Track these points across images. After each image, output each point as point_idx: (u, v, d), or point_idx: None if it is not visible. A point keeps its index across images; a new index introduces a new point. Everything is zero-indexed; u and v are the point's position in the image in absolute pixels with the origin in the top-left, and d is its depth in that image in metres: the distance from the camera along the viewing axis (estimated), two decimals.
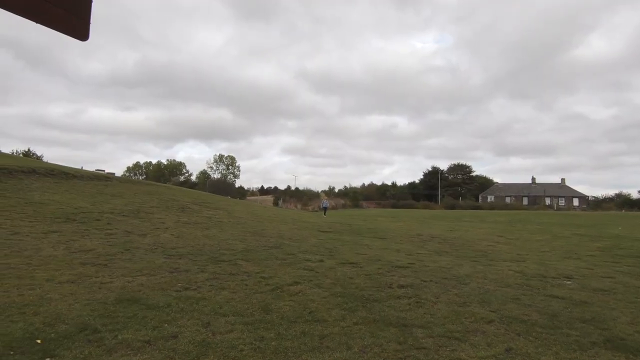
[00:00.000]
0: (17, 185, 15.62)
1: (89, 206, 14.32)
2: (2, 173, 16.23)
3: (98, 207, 14.36)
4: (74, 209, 13.36)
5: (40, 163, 23.78)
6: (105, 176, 23.62)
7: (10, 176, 16.51)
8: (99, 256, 7.79)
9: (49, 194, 15.32)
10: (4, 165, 17.00)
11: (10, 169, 16.86)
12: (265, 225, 16.01)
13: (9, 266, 6.40)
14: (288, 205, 55.13)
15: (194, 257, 8.48)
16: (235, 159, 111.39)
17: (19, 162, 21.12)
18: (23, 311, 4.61)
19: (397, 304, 5.88)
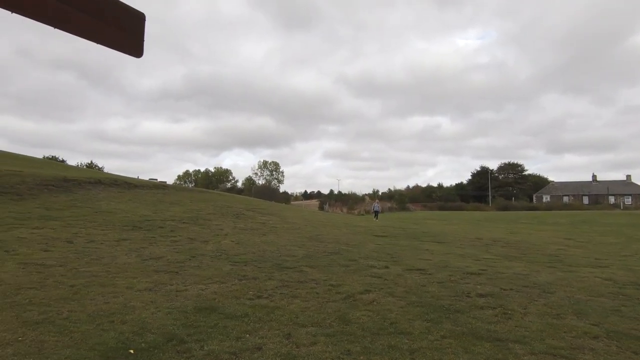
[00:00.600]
0: (86, 195, 16.62)
1: (151, 214, 14.90)
2: (73, 184, 17.34)
3: (160, 215, 14.92)
4: (139, 217, 13.94)
5: (104, 174, 25.28)
6: (163, 185, 24.65)
7: (80, 187, 17.61)
8: (169, 263, 7.96)
9: (115, 203, 16.15)
10: (74, 177, 18.16)
11: (79, 181, 17.98)
12: (320, 230, 15.89)
13: (92, 274, 6.66)
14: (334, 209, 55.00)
15: (259, 264, 8.47)
16: (279, 165, 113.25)
17: (86, 173, 22.56)
18: (111, 319, 4.71)
19: (482, 315, 5.46)
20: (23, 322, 4.43)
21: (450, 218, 39.30)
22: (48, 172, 19.32)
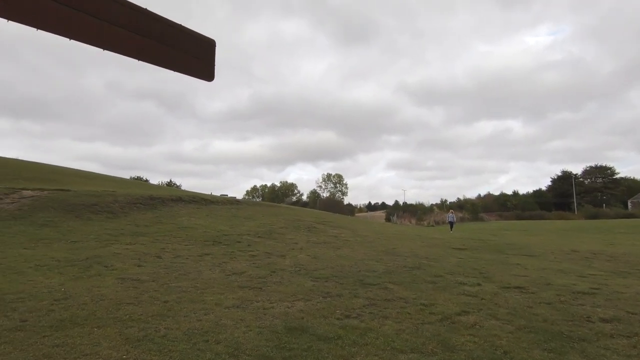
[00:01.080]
0: (169, 212, 17.64)
1: (228, 229, 15.36)
2: (158, 202, 18.55)
3: (236, 230, 15.32)
4: (217, 232, 14.42)
5: (183, 192, 26.87)
6: (235, 200, 25.57)
7: (164, 204, 18.77)
8: (251, 279, 7.95)
9: (195, 219, 16.93)
10: (158, 195, 19.45)
11: (163, 199, 19.20)
12: (394, 243, 15.26)
13: (181, 289, 6.81)
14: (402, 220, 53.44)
15: (340, 280, 8.16)
16: (342, 177, 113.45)
17: (167, 191, 24.12)
18: (206, 339, 4.65)
19: (615, 346, 4.60)
20: (126, 339, 4.52)
21: (531, 228, 36.11)
22: (136, 191, 20.92)
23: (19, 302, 5.54)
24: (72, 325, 4.86)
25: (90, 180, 23.87)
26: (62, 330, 4.71)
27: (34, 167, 22.48)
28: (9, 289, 6.09)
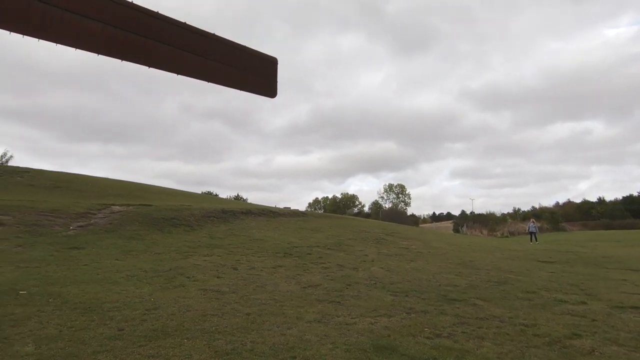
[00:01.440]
0: (240, 225, 18.19)
1: (297, 241, 15.42)
2: (230, 215, 19.24)
3: (305, 242, 15.33)
4: (287, 244, 14.51)
5: (252, 205, 27.74)
6: (302, 212, 25.82)
7: (235, 217, 19.42)
8: (328, 292, 7.75)
9: (264, 231, 17.26)
10: (230, 209, 20.20)
11: (234, 212, 19.89)
12: (471, 255, 14.28)
13: (261, 302, 6.79)
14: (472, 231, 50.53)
15: (420, 294, 7.67)
16: (404, 187, 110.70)
17: (237, 205, 25.01)
18: (293, 355, 4.50)
19: None
20: (215, 352, 4.50)
21: (625, 239, 32.15)
22: (209, 205, 21.95)
23: (115, 311, 5.83)
24: (164, 336, 4.97)
25: (168, 195, 25.51)
26: (155, 340, 4.82)
27: (120, 185, 24.54)
28: (106, 298, 6.47)
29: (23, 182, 18.47)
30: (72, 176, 22.65)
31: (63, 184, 19.90)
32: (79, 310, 5.80)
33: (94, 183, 22.37)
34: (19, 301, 6.00)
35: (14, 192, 16.59)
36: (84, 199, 17.91)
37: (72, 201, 16.43)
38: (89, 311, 5.77)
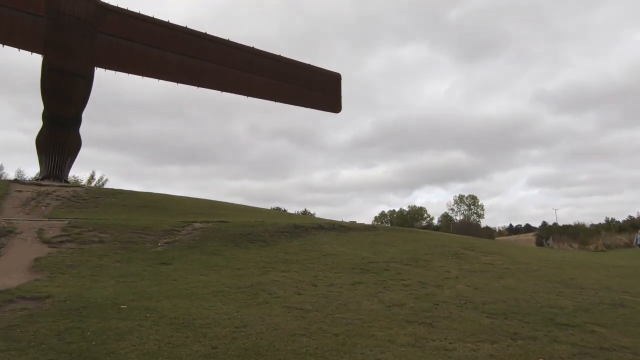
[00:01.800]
0: (312, 240, 18.20)
1: (371, 256, 14.99)
2: (301, 230, 19.38)
3: (380, 257, 14.85)
4: (362, 259, 14.15)
5: (322, 220, 27.83)
6: (373, 227, 25.31)
7: (307, 232, 19.51)
8: (416, 312, 7.26)
9: (337, 246, 17.06)
10: (301, 224, 20.37)
11: (306, 227, 20.01)
12: (569, 272, 12.78)
13: (347, 321, 6.52)
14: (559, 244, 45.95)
15: (523, 317, 6.88)
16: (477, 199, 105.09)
17: (308, 220, 25.21)
18: None
19: None
20: None
21: None
22: (281, 220, 22.36)
23: (207, 328, 5.91)
24: (256, 356, 4.89)
25: (241, 212, 26.49)
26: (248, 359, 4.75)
27: (199, 203, 26.01)
28: (197, 314, 6.63)
29: (117, 203, 20.25)
30: (158, 196, 24.45)
31: (151, 204, 21.49)
32: (174, 325, 5.97)
33: (176, 202, 23.92)
34: (121, 315, 6.35)
35: (110, 212, 18.22)
36: (169, 216, 19.14)
37: (159, 219, 17.62)
38: (183, 327, 5.91)
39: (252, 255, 14.14)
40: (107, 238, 13.27)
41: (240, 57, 26.77)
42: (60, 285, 8.02)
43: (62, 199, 18.22)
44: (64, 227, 13.77)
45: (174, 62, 24.67)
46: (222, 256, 13.43)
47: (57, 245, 11.86)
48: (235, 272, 11.06)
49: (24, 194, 17.89)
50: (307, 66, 29.86)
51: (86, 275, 9.03)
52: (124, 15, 23.42)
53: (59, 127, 22.31)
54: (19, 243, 11.85)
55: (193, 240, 14.90)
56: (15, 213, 15.60)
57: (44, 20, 21.40)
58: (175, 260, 12.02)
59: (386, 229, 25.25)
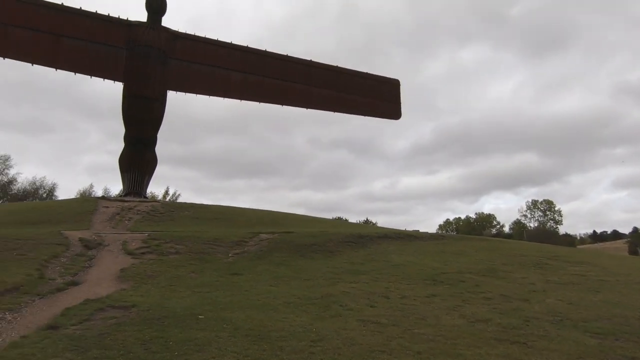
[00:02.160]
0: (378, 249, 17.71)
1: (442, 266, 14.18)
2: (366, 240, 18.98)
3: (451, 267, 13.99)
4: (432, 270, 13.42)
5: (387, 229, 27.20)
6: (440, 235, 24.16)
7: (372, 242, 19.06)
8: (504, 330, 6.58)
9: (404, 256, 16.41)
10: (365, 233, 19.97)
11: (370, 236, 19.57)
12: None
13: (427, 338, 6.07)
14: None
15: (637, 338, 5.93)
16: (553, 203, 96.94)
17: (371, 229, 24.73)
18: None
19: None
20: None
21: None
22: (344, 230, 22.14)
23: (283, 341, 5.80)
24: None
25: (305, 222, 26.70)
26: None
27: (264, 215, 26.67)
28: (272, 326, 6.57)
29: (189, 216, 21.39)
30: (226, 208, 25.48)
31: (220, 216, 22.43)
32: (250, 337, 5.94)
33: (242, 214, 24.73)
34: (199, 325, 6.47)
35: (184, 224, 19.26)
36: (237, 228, 19.77)
37: (228, 231, 18.24)
38: (259, 340, 5.86)
39: (319, 265, 14.03)
40: (182, 249, 13.94)
41: (299, 71, 27.36)
42: (143, 294, 8.45)
43: (142, 213, 19.57)
44: (145, 239, 14.72)
45: (238, 80, 25.87)
46: (289, 267, 13.47)
47: (139, 257, 12.66)
48: (303, 282, 10.98)
49: (110, 209, 19.50)
50: (365, 75, 29.66)
51: (165, 285, 9.45)
52: (191, 40, 25.02)
53: (138, 147, 24.19)
54: (107, 254, 12.84)
55: (261, 251, 15.16)
56: (103, 227, 17.03)
57: (124, 52, 23.47)
58: (245, 270, 12.25)
59: (454, 238, 23.95)
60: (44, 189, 51.88)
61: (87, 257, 12.31)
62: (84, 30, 22.70)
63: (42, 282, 8.98)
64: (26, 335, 5.75)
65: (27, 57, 22.00)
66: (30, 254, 11.47)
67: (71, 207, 20.18)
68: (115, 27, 23.48)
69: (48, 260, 11.12)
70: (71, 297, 8.05)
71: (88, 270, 11.06)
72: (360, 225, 38.05)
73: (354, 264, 14.52)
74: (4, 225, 16.44)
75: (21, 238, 12.79)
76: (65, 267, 10.82)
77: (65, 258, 11.82)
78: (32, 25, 21.62)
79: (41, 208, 21.27)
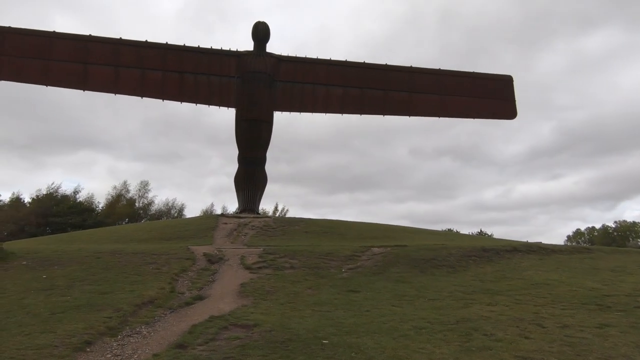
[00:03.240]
0: (508, 265, 15.39)
1: (601, 287, 11.50)
2: (492, 253, 16.73)
3: (615, 288, 11.26)
4: (589, 291, 10.94)
5: (511, 241, 24.09)
6: (586, 248, 20.36)
7: (499, 256, 16.73)
8: None
9: (544, 273, 13.89)
10: (490, 246, 17.69)
11: (496, 249, 17.25)
12: None
13: None
14: None
15: None
16: None
17: (494, 242, 22.03)
18: None
19: None
20: None
21: None
22: (462, 242, 20.01)
23: None
24: None
25: (414, 234, 25.02)
26: None
27: (371, 227, 25.78)
28: (408, 357, 5.56)
29: (300, 230, 21.57)
30: (334, 222, 25.27)
31: (329, 229, 22.21)
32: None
33: (351, 227, 24.19)
34: (326, 353, 5.80)
35: (295, 238, 19.41)
36: (347, 241, 19.22)
37: (339, 244, 17.77)
38: None
39: (443, 283, 12.54)
40: (297, 264, 13.76)
41: (399, 79, 26.32)
42: (264, 312, 8.17)
43: (257, 228, 20.27)
44: (260, 253, 14.98)
45: (338, 94, 25.95)
46: (409, 284, 12.26)
47: (257, 271, 12.79)
48: (430, 303, 9.71)
49: (228, 225, 20.63)
50: (472, 74, 27.14)
51: (284, 302, 9.11)
52: (293, 62, 25.92)
53: (250, 166, 25.60)
54: (227, 269, 13.27)
55: (376, 266, 14.24)
56: (223, 242, 17.97)
57: (235, 80, 25.26)
58: (362, 287, 11.44)
59: (605, 251, 19.87)
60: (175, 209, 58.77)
61: (210, 271, 12.83)
62: (202, 66, 25.05)
63: (173, 296, 9.38)
64: (158, 354, 5.73)
65: (159, 94, 25.00)
66: (164, 268, 12.34)
67: (196, 224, 21.89)
68: (227, 59, 25.44)
69: (178, 274, 11.80)
70: (198, 313, 8.16)
71: (212, 284, 11.42)
72: (479, 237, 34.60)
73: (484, 282, 12.68)
74: (147, 241, 18.41)
75: (157, 253, 13.95)
76: (193, 281, 11.33)
77: (192, 272, 12.46)
78: (163, 67, 24.60)
79: (173, 225, 23.54)
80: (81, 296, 8.48)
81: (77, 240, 19.55)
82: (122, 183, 54.86)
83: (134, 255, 13.20)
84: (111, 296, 8.53)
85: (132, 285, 9.54)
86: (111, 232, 22.51)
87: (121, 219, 51.14)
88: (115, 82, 23.78)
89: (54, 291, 8.84)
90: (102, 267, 11.34)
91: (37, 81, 23.10)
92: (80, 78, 23.27)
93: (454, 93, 26.89)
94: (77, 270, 10.86)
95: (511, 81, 28.62)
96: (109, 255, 13.09)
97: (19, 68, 22.42)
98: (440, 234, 29.77)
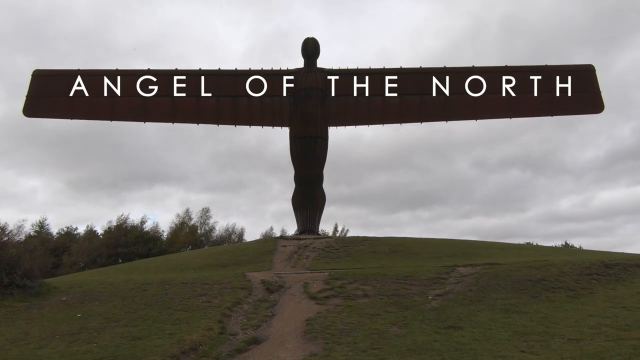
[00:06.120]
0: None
1: None
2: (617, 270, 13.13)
3: None
4: None
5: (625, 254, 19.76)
6: None
7: (627, 272, 13.11)
8: None
9: None
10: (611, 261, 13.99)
11: (623, 264, 13.58)
12: None
13: None
14: None
15: None
16: None
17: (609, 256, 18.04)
18: None
19: None
20: None
21: None
22: (570, 257, 16.34)
23: None
24: None
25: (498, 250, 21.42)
26: None
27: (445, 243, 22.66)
28: None
29: (366, 250, 19.12)
30: (401, 240, 22.49)
31: (398, 248, 19.52)
32: None
33: (422, 244, 21.29)
34: None
35: (362, 260, 17.00)
36: (423, 261, 16.45)
37: (416, 265, 15.07)
38: None
39: (570, 312, 9.43)
40: (371, 291, 11.32)
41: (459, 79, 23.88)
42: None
43: (318, 250, 18.16)
44: (326, 279, 12.72)
45: (395, 103, 23.90)
46: (525, 314, 9.31)
47: (324, 302, 10.52)
48: (575, 346, 6.82)
49: (288, 248, 18.72)
50: (544, 68, 23.97)
51: (367, 349, 6.74)
52: (345, 74, 24.36)
53: (307, 185, 24.00)
54: (289, 299, 11.14)
55: (470, 291, 11.37)
56: (283, 267, 15.97)
57: (286, 99, 24.13)
58: (463, 321, 8.73)
59: None
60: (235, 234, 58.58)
61: (269, 302, 10.80)
62: (255, 87, 24.31)
63: (222, 339, 7.39)
64: None
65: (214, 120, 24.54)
66: (215, 300, 10.52)
67: (254, 248, 20.30)
68: (279, 78, 24.50)
69: (231, 308, 9.89)
70: None
71: (271, 320, 9.34)
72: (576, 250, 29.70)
73: (629, 310, 9.44)
74: (201, 268, 16.97)
75: (209, 282, 12.25)
76: (248, 317, 9.33)
77: (248, 305, 10.50)
78: (218, 92, 24.26)
79: (230, 250, 22.17)
80: (109, 343, 6.81)
81: (135, 270, 18.65)
82: (185, 211, 55.73)
83: (184, 286, 11.57)
84: (144, 343, 6.74)
85: (174, 326, 7.74)
86: (167, 260, 21.57)
87: (184, 246, 51.63)
88: (172, 112, 23.90)
89: (81, 336, 7.28)
90: (145, 303, 9.74)
91: (104, 117, 24.03)
92: (140, 112, 23.80)
93: (525, 90, 23.96)
94: (117, 307, 9.34)
95: (593, 71, 24.75)
96: (157, 286, 11.58)
97: (89, 107, 23.51)
98: (523, 248, 25.69)
